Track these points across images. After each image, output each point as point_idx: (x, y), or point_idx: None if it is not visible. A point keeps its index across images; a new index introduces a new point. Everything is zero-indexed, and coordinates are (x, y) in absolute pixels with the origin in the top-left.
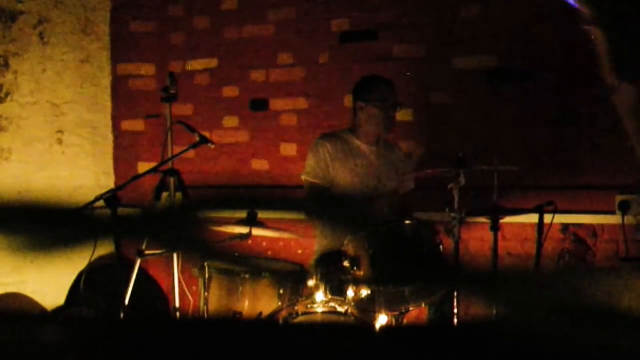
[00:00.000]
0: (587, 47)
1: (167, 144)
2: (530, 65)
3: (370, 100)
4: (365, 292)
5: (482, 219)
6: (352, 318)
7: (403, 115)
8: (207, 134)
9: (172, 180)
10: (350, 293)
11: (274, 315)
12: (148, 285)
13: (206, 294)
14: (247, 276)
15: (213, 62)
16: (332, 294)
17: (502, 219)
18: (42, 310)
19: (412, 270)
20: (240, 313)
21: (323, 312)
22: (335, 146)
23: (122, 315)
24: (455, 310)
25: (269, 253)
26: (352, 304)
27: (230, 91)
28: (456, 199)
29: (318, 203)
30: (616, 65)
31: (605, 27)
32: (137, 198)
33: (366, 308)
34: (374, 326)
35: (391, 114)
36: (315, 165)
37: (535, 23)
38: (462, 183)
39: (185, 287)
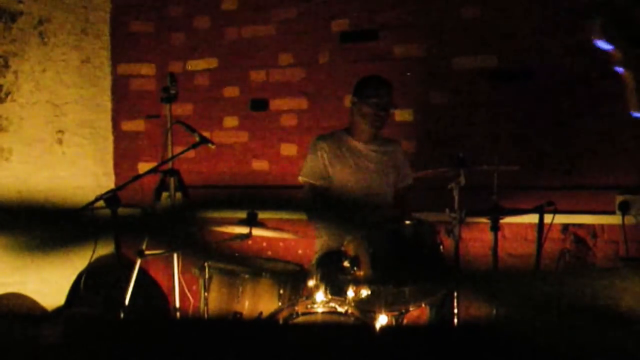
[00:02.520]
0: (587, 46)
1: (167, 144)
2: (530, 65)
3: (362, 97)
4: (365, 292)
5: (482, 219)
6: (352, 318)
7: (403, 115)
8: (207, 134)
9: (172, 180)
10: (350, 293)
11: (274, 315)
12: (148, 285)
13: (206, 294)
14: (247, 276)
15: (213, 62)
16: (332, 294)
17: (502, 219)
18: (42, 310)
19: (412, 270)
20: (240, 313)
21: (323, 312)
22: (332, 146)
23: (122, 315)
24: (455, 311)
25: (269, 253)
26: (352, 304)
27: (230, 91)
28: (456, 199)
29: (317, 203)
30: None
31: (635, 67)
32: (137, 198)
33: (366, 308)
34: (374, 326)
35: (382, 113)
36: (313, 165)
37: (535, 23)
38: (462, 183)
39: (185, 287)
